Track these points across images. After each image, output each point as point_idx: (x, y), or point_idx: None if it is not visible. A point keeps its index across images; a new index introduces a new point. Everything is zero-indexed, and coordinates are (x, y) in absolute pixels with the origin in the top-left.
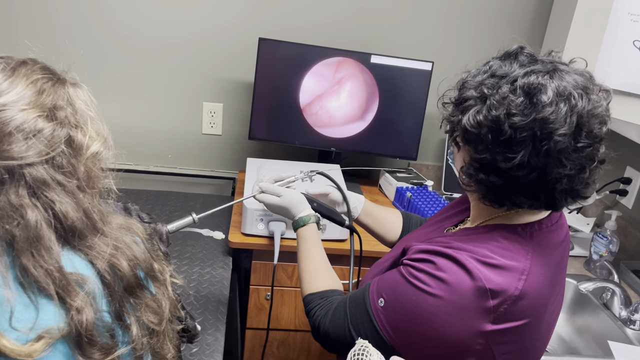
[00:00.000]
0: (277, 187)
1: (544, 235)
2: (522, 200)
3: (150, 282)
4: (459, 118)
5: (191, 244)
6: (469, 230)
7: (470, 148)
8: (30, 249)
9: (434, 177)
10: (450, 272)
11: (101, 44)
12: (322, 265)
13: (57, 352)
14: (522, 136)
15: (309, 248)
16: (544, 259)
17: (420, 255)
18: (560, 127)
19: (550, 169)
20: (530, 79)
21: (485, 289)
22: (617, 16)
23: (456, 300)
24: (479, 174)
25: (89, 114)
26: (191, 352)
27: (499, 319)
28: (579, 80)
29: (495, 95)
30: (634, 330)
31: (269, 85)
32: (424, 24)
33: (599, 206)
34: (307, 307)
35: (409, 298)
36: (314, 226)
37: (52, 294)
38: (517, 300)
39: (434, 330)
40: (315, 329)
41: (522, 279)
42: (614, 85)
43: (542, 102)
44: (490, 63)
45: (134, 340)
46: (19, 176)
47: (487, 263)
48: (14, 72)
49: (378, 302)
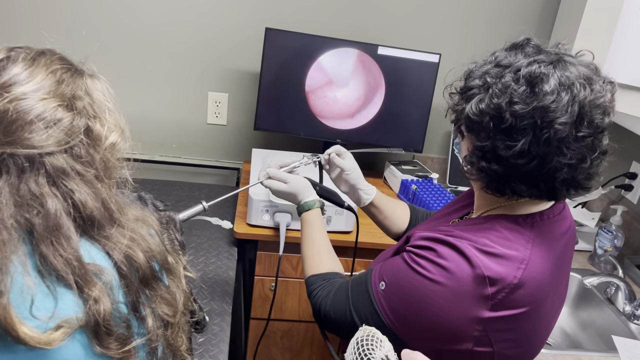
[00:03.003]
0: (284, 173)
1: (546, 226)
2: (522, 189)
3: (164, 275)
4: (463, 107)
5: (196, 234)
6: (471, 220)
7: (472, 136)
8: (50, 237)
9: (439, 170)
10: (450, 259)
11: (107, 34)
12: (325, 249)
13: (76, 341)
14: (522, 124)
15: (313, 232)
16: (544, 250)
17: (422, 243)
18: (561, 115)
19: (551, 158)
20: (532, 68)
21: (484, 277)
22: (628, 9)
23: (455, 287)
24: (481, 162)
25: (106, 104)
26: (198, 341)
27: (497, 307)
28: (583, 71)
29: (498, 84)
30: (637, 325)
31: (275, 75)
32: (431, 16)
33: (604, 201)
34: (309, 288)
35: (410, 283)
36: (318, 211)
37: (70, 283)
38: (515, 289)
39: (433, 315)
40: (316, 309)
41: (521, 268)
42: (623, 79)
43: (544, 91)
44: (497, 54)
45: (149, 332)
46: (39, 165)
47: (487, 252)
48: (33, 62)
49: (379, 286)
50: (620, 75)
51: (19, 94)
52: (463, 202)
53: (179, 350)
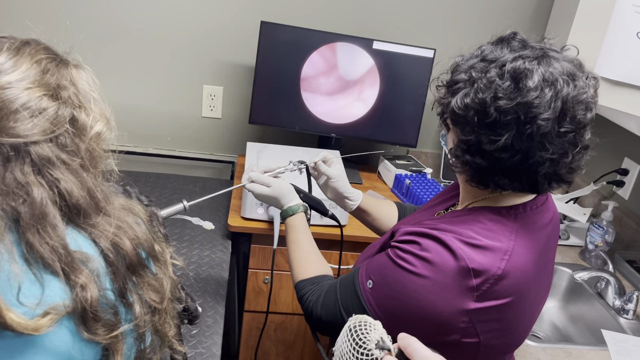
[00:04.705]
0: (267, 177)
1: (529, 217)
2: (505, 182)
3: (151, 262)
4: (448, 100)
5: (191, 227)
6: (456, 213)
7: (458, 129)
8: (36, 225)
9: (432, 165)
10: (434, 252)
11: (101, 25)
12: (312, 252)
13: (63, 327)
14: (506, 119)
15: (299, 236)
16: (528, 240)
17: (407, 237)
18: (544, 111)
19: (533, 153)
20: (517, 64)
21: (468, 269)
22: (621, 7)
23: (440, 280)
24: (465, 155)
25: (92, 94)
26: (191, 333)
27: (482, 297)
28: (567, 67)
29: (483, 79)
30: (626, 319)
31: (270, 69)
32: (426, 11)
33: (596, 196)
34: (299, 293)
35: (396, 279)
36: (302, 215)
37: (57, 271)
38: (499, 280)
39: (420, 309)
40: (308, 314)
41: (504, 259)
42: (615, 76)
43: (528, 86)
44: (483, 47)
45: (136, 318)
46: (25, 154)
47: (471, 244)
48: (18, 52)
49: (367, 284)
50: (612, 72)
51: (4, 83)
52: (448, 194)
53: (166, 336)
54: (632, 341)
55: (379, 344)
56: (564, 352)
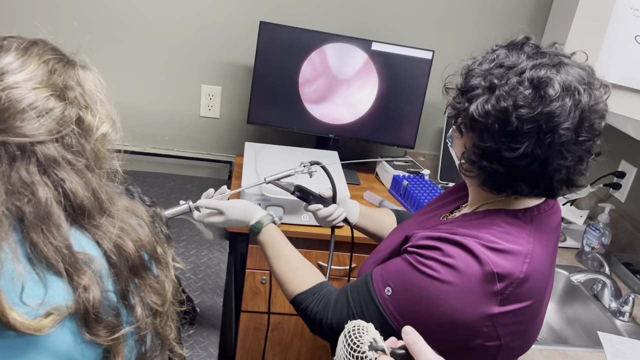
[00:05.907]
0: (216, 202)
1: (542, 219)
2: (522, 188)
3: (153, 265)
4: (465, 106)
5: (188, 226)
6: (469, 216)
7: (475, 135)
8: (40, 225)
9: (430, 166)
10: (458, 258)
11: (100, 25)
12: (299, 263)
13: (65, 328)
14: (527, 128)
15: (278, 251)
16: (543, 242)
17: (426, 242)
18: (564, 121)
19: (552, 160)
20: (537, 72)
21: (493, 273)
22: (619, 11)
23: (465, 285)
24: (482, 161)
25: (98, 95)
26: (189, 333)
27: (505, 301)
28: (583, 75)
29: (504, 86)
30: (622, 321)
31: (268, 69)
32: (425, 13)
33: (593, 199)
34: (299, 307)
35: (418, 285)
36: (272, 226)
37: (60, 271)
38: (522, 283)
39: (444, 316)
40: (316, 324)
41: (525, 262)
42: (614, 79)
43: (550, 95)
44: (497, 52)
45: (138, 320)
46: (31, 153)
47: (493, 248)
48: (26, 52)
49: (385, 291)
50: (611, 75)
51: (11, 83)
52: (452, 195)
53: (167, 339)
54: (628, 343)
55: (372, 346)
56: (560, 354)
